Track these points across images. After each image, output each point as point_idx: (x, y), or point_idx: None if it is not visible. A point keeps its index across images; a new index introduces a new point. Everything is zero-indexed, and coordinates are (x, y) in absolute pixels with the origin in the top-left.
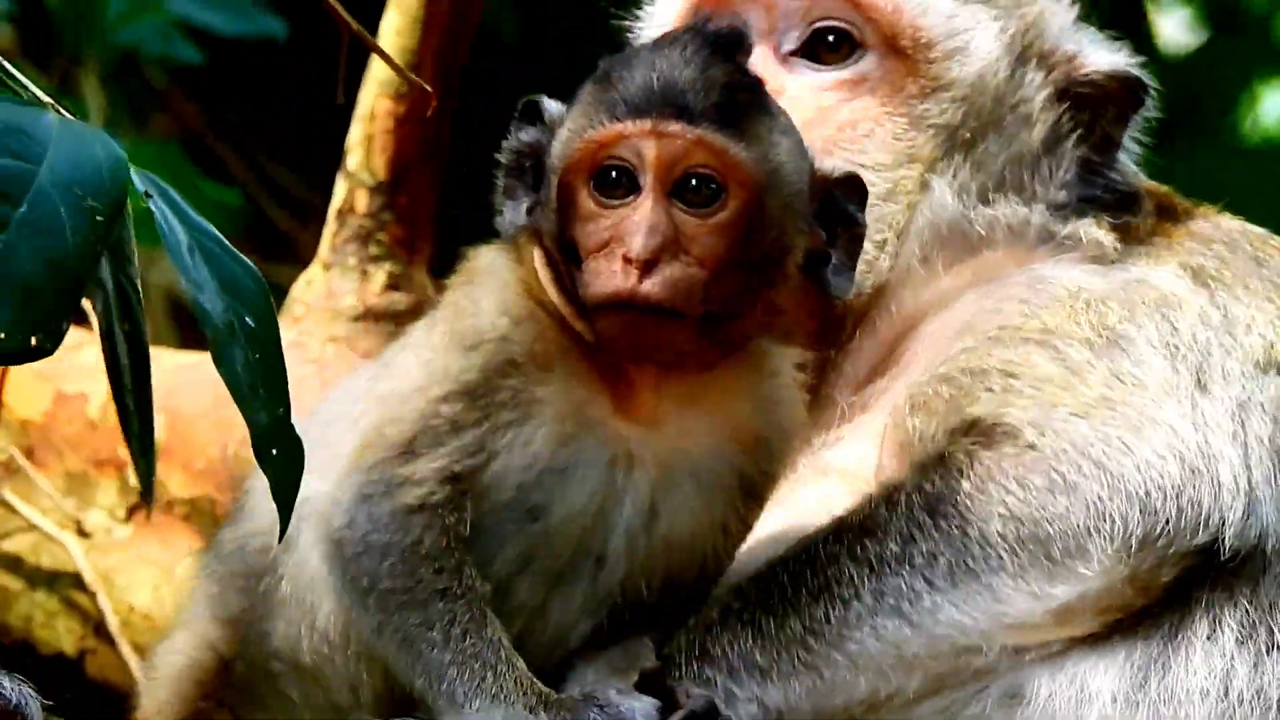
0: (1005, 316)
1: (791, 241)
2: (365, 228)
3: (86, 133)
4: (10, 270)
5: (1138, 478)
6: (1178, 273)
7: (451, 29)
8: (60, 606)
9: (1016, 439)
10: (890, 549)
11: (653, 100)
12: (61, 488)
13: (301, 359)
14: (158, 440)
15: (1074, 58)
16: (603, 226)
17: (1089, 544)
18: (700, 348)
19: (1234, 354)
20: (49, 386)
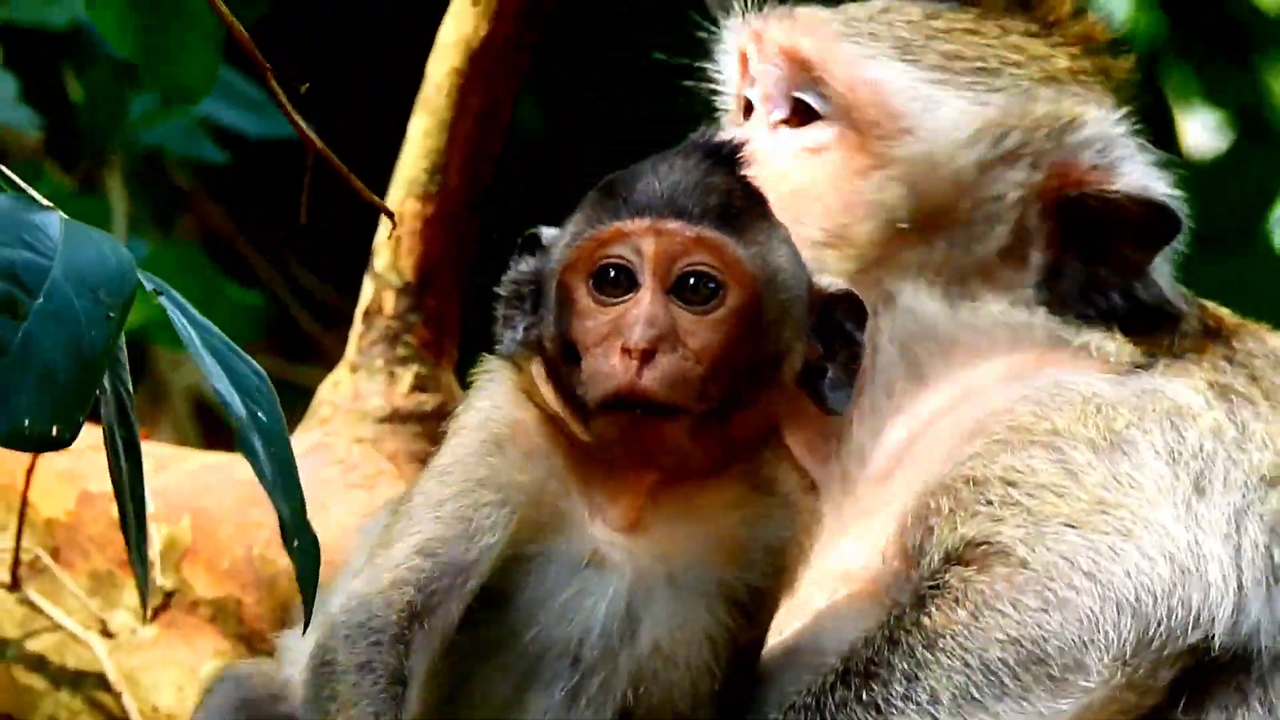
0: (1016, 417)
1: (788, 346)
2: (392, 329)
3: (94, 234)
4: (31, 359)
5: (1128, 584)
6: (1198, 386)
7: (480, 131)
8: (84, 706)
9: (1008, 558)
10: (895, 690)
11: (654, 201)
12: (86, 587)
13: (329, 460)
14: (184, 541)
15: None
16: (602, 322)
17: (1086, 657)
18: (696, 449)
19: (1241, 465)
20: (74, 486)
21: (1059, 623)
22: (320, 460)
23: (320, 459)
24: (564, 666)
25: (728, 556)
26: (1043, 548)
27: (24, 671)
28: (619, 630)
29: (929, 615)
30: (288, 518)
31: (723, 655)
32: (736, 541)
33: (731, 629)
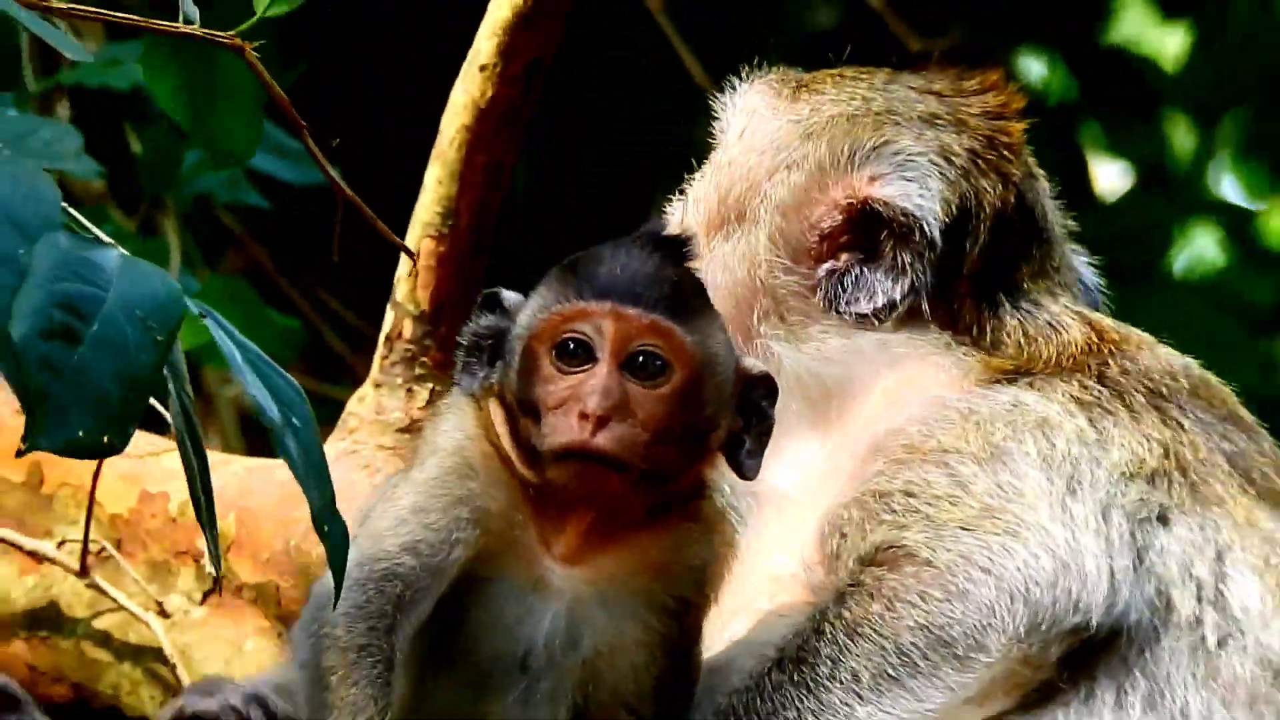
0: (908, 437)
1: (718, 420)
2: (411, 351)
3: (146, 267)
4: (86, 379)
5: (1018, 577)
6: (1063, 398)
7: (485, 181)
8: (143, 677)
9: (915, 558)
10: (822, 671)
11: (614, 287)
12: (145, 575)
13: (356, 465)
14: (230, 534)
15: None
16: (561, 387)
17: (986, 639)
18: (634, 500)
19: (1103, 464)
20: (135, 487)
21: (961, 611)
22: (348, 465)
23: (348, 464)
24: (515, 675)
25: (656, 576)
26: (943, 549)
27: (92, 646)
28: (561, 644)
29: (849, 609)
30: (319, 507)
31: (658, 656)
32: (664, 563)
33: (664, 634)
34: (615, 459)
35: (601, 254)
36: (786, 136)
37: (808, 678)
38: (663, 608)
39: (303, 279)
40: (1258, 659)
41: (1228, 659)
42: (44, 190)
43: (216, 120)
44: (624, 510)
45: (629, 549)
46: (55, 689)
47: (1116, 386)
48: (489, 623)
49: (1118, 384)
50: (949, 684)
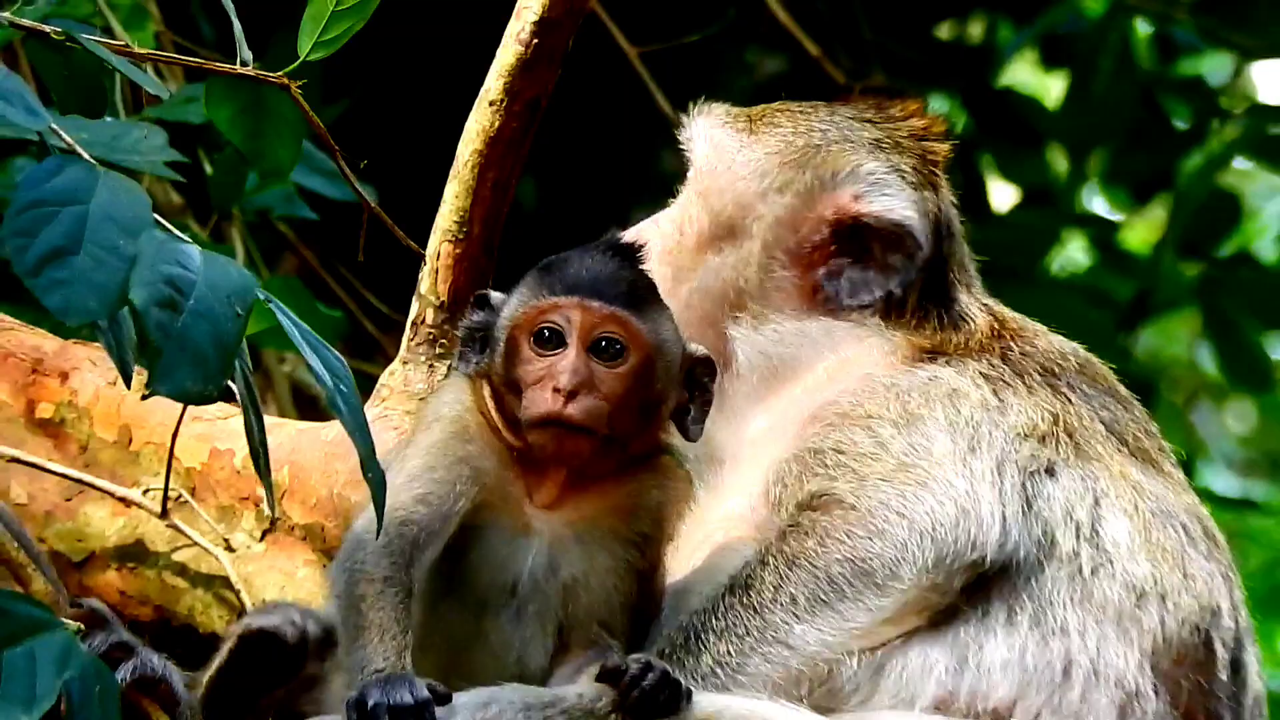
0: (840, 405)
1: (667, 393)
2: (432, 335)
3: (223, 259)
4: (188, 341)
5: (927, 520)
6: (972, 373)
7: (494, 196)
8: (213, 600)
9: (842, 503)
10: (766, 596)
11: (581, 285)
12: (215, 516)
13: (387, 427)
14: (284, 484)
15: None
16: (538, 368)
17: (901, 570)
18: (599, 460)
19: (1001, 427)
20: (207, 445)
21: (880, 547)
22: (381, 427)
23: (381, 426)
24: (507, 599)
25: (620, 516)
26: (865, 496)
27: (170, 575)
28: (543, 573)
29: (788, 545)
30: (364, 455)
31: (625, 581)
32: (626, 506)
33: (629, 562)
34: (583, 426)
35: (570, 258)
36: (769, 165)
37: (754, 601)
38: (627, 541)
39: (344, 277)
40: (1124, 584)
41: (1099, 584)
42: (137, 196)
43: (265, 143)
44: (591, 466)
45: (597, 496)
46: (140, 611)
47: (1016, 365)
48: (485, 558)
49: (1018, 363)
50: (870, 607)
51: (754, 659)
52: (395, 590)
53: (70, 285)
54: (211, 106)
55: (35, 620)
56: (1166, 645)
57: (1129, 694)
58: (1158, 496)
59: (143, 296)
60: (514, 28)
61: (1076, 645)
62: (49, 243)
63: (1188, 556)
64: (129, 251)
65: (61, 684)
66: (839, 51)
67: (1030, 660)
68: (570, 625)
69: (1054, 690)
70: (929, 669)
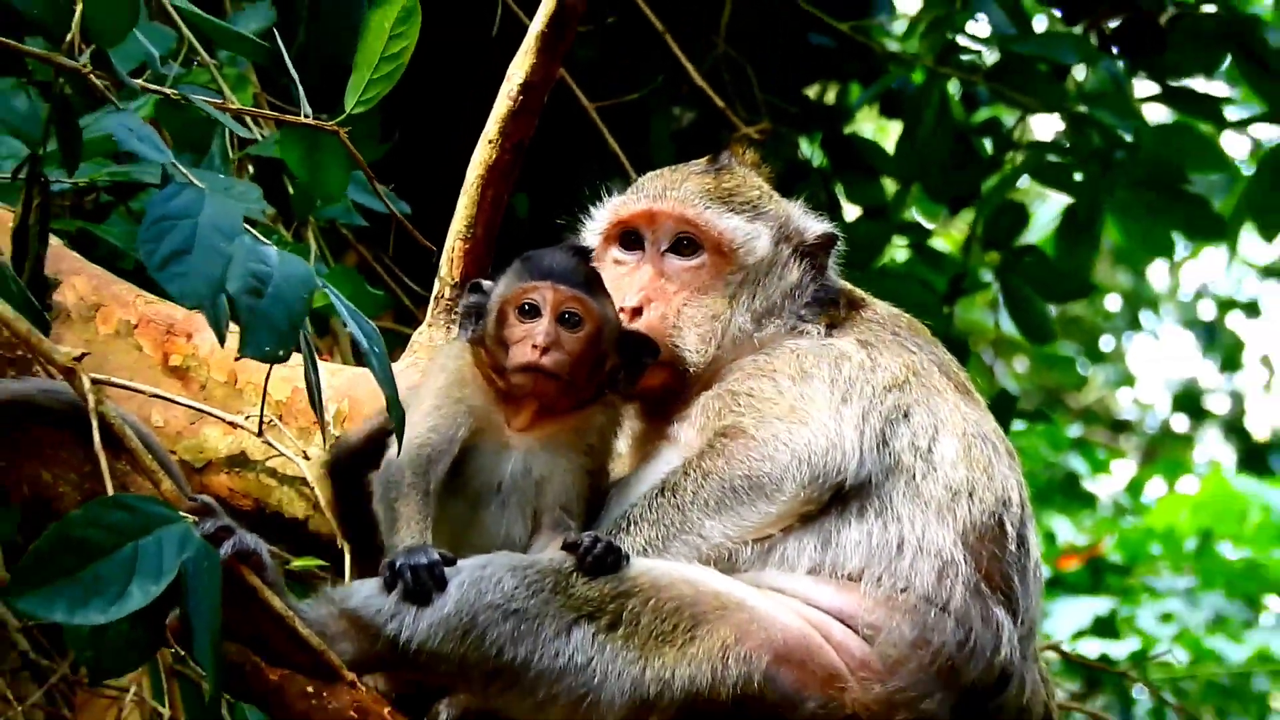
0: (755, 365)
1: (609, 355)
2: (449, 305)
3: (293, 257)
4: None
5: (806, 449)
6: (852, 340)
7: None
8: (295, 495)
9: (745, 433)
10: (685, 498)
11: (553, 273)
12: (295, 434)
13: (416, 372)
14: (343, 412)
15: (804, 231)
16: (521, 331)
17: (785, 484)
18: (562, 399)
19: (871, 383)
20: (290, 384)
21: (770, 467)
22: (412, 373)
23: (412, 371)
24: (494, 494)
25: (575, 435)
26: (763, 429)
27: (265, 477)
28: (519, 475)
29: (705, 461)
30: (389, 397)
31: (579, 479)
32: (579, 428)
33: (582, 466)
34: (552, 373)
35: (545, 253)
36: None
37: (677, 501)
38: (580, 450)
39: (389, 266)
40: (944, 486)
41: (927, 486)
42: (234, 214)
43: (321, 175)
44: (556, 402)
45: (559, 422)
46: (243, 503)
47: (875, 330)
48: (479, 466)
49: (877, 329)
50: (761, 511)
51: (675, 544)
52: (416, 492)
53: (185, 277)
54: (283, 149)
55: (161, 515)
56: (973, 527)
57: (945, 561)
58: (975, 421)
59: (235, 287)
60: (506, 88)
61: (908, 529)
62: (170, 246)
63: (992, 465)
64: (227, 252)
65: (181, 562)
66: (738, 106)
67: (874, 540)
68: (540, 511)
69: (891, 560)
70: (803, 548)
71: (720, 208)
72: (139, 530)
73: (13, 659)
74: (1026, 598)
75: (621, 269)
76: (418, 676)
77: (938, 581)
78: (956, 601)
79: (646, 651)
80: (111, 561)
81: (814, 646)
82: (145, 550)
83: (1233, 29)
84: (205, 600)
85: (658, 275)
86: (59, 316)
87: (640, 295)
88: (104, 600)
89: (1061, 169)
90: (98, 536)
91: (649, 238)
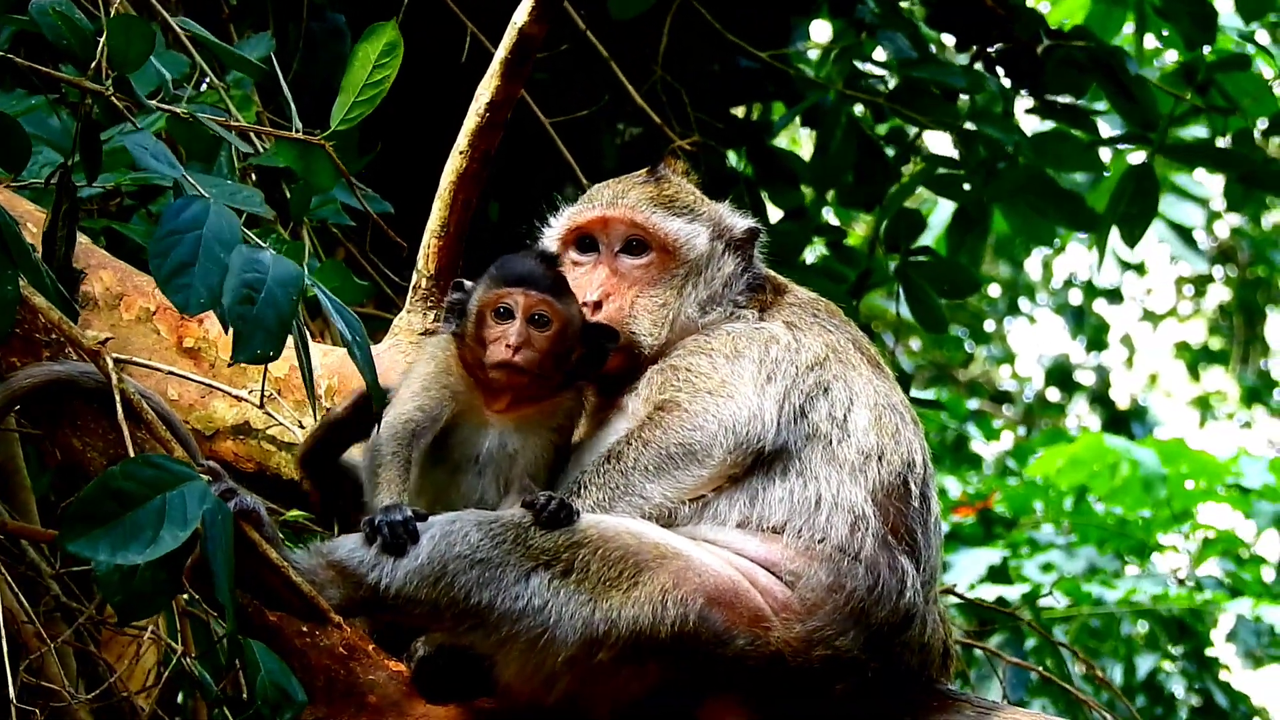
0: (696, 343)
1: (573, 349)
2: (426, 294)
3: (285, 260)
4: (259, 323)
5: (731, 420)
6: (780, 323)
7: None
8: (291, 459)
9: (679, 406)
10: (627, 464)
11: (523, 280)
12: (292, 406)
13: (397, 353)
14: (334, 386)
15: (733, 227)
16: (496, 331)
17: (713, 451)
18: (533, 389)
19: (795, 363)
20: (287, 363)
21: (700, 435)
22: (393, 354)
23: (393, 353)
24: (472, 464)
25: (546, 416)
26: (695, 402)
27: (265, 443)
28: (495, 450)
29: (644, 431)
30: (369, 380)
31: (546, 452)
32: (550, 411)
33: (551, 443)
34: (524, 368)
35: (516, 261)
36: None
37: (621, 467)
38: (550, 429)
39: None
40: (857, 450)
41: (841, 450)
42: (233, 224)
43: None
44: (527, 393)
45: (531, 408)
46: (246, 466)
47: (799, 312)
48: (460, 441)
49: (799, 312)
50: (694, 475)
51: (620, 504)
52: (398, 460)
53: (190, 288)
54: (279, 157)
55: (184, 473)
56: (881, 485)
57: (857, 516)
58: (885, 393)
59: (229, 299)
60: (475, 105)
61: (824, 487)
62: (177, 259)
63: (899, 432)
64: (226, 262)
65: (201, 514)
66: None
67: (796, 497)
68: (510, 480)
69: (810, 514)
70: (734, 504)
71: (664, 212)
72: (166, 484)
73: (46, 602)
74: (929, 549)
75: (580, 269)
76: (396, 619)
77: (850, 533)
78: (867, 551)
79: (596, 595)
80: (145, 510)
81: (742, 591)
82: (172, 502)
83: (1100, 58)
84: (221, 547)
85: (613, 274)
86: (88, 305)
87: (600, 291)
88: (140, 544)
89: (952, 180)
90: (133, 488)
91: (603, 241)
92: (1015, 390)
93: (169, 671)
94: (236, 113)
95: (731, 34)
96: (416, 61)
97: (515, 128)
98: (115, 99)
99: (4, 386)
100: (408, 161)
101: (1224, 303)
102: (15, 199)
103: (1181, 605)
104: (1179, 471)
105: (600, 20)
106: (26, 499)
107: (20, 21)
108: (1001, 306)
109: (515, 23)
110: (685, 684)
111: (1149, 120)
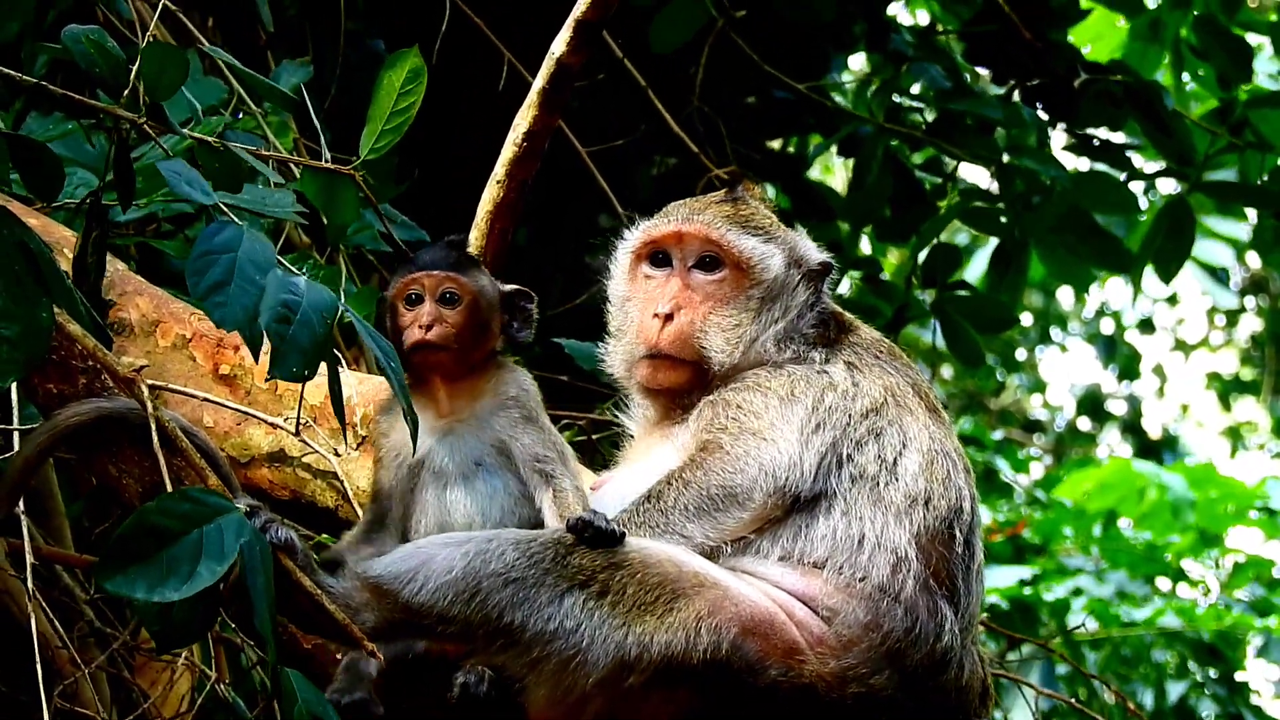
0: (755, 378)
1: (491, 319)
2: None
3: (319, 286)
4: (295, 343)
5: (771, 465)
6: (842, 365)
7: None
8: (326, 487)
9: (721, 448)
10: (668, 504)
11: (426, 264)
12: (328, 434)
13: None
14: (370, 414)
15: (809, 257)
16: (409, 318)
17: (754, 495)
18: (456, 365)
19: (848, 410)
20: (322, 391)
21: (741, 479)
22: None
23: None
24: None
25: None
26: (738, 445)
27: (301, 471)
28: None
29: (685, 472)
30: (405, 406)
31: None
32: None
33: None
34: (439, 345)
35: (424, 249)
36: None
37: (662, 506)
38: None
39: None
40: (904, 494)
41: (888, 493)
42: (267, 249)
43: (338, 209)
44: (452, 371)
45: (467, 394)
46: (280, 494)
47: (861, 354)
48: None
49: (861, 353)
50: (735, 516)
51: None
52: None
53: (226, 306)
54: (305, 186)
55: (221, 505)
56: (926, 530)
57: (900, 558)
58: (940, 439)
59: (267, 317)
60: (512, 135)
61: (869, 527)
62: (212, 279)
63: (949, 478)
64: (261, 284)
65: (239, 546)
66: (711, 154)
67: (839, 534)
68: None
69: (852, 552)
70: (777, 540)
71: (739, 230)
72: (203, 519)
73: (80, 628)
74: (969, 595)
75: (652, 282)
76: (430, 638)
77: (891, 574)
78: (907, 593)
79: (629, 618)
80: (182, 545)
81: (778, 623)
82: (209, 536)
83: (1136, 92)
84: (260, 578)
85: (685, 287)
86: (124, 331)
87: (671, 303)
88: (178, 579)
89: (988, 213)
90: (170, 524)
91: (677, 255)
92: (1046, 419)
93: (203, 698)
94: (275, 139)
95: (768, 65)
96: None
97: (550, 154)
98: (149, 127)
99: (51, 424)
100: (444, 189)
101: (1255, 333)
102: (51, 225)
103: (1209, 626)
104: (1208, 496)
105: (638, 50)
106: (60, 524)
107: (53, 49)
108: (1033, 335)
109: (553, 53)
110: (716, 712)
111: (1185, 155)
